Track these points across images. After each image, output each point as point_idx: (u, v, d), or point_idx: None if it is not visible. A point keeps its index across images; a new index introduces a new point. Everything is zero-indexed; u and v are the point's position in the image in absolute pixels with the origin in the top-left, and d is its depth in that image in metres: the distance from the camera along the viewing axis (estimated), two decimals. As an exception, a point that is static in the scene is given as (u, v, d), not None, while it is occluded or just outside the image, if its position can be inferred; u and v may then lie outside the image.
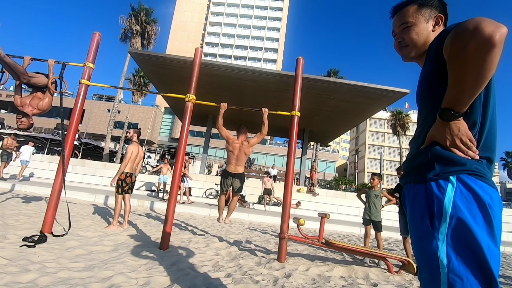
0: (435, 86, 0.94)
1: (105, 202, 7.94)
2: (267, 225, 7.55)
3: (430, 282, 0.87)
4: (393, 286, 3.11)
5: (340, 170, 57.18)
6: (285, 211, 3.79)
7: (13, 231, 3.41)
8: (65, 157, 3.69)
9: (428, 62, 0.97)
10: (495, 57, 0.75)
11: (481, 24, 0.75)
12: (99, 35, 4.05)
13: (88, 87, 3.98)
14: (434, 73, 0.94)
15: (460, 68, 0.81)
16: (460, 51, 0.79)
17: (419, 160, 0.96)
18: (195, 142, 40.36)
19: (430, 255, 0.86)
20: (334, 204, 12.63)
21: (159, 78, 11.46)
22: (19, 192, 7.72)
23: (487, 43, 0.74)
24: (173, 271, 2.68)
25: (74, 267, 2.49)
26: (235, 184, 4.50)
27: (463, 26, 0.79)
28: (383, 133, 52.41)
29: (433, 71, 0.94)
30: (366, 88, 10.03)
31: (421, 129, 1.00)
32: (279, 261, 3.58)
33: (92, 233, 3.92)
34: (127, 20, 23.65)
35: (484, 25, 0.74)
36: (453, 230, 0.84)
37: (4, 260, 2.39)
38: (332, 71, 30.60)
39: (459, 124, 0.88)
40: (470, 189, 0.86)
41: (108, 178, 12.08)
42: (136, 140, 4.80)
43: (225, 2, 61.47)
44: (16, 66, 3.55)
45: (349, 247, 3.94)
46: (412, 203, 0.96)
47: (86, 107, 36.49)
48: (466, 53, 0.78)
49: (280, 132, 18.08)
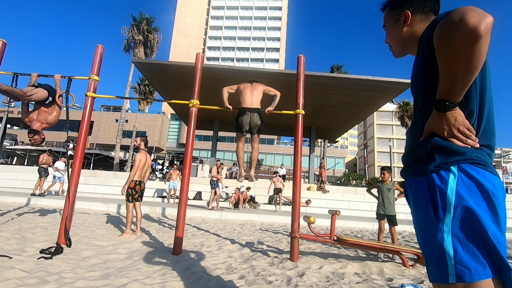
0: (429, 76, 0.94)
1: (118, 211, 8.06)
2: (278, 225, 7.55)
3: (437, 274, 0.86)
4: (409, 280, 3.07)
5: (349, 166, 56.65)
6: (295, 210, 3.78)
7: (31, 244, 3.51)
8: (76, 168, 3.78)
9: (420, 53, 0.97)
10: (482, 47, 0.75)
11: (466, 15, 0.74)
12: (101, 48, 4.13)
13: (95, 99, 4.07)
14: (427, 63, 0.93)
15: (449, 60, 0.81)
16: (447, 43, 0.79)
17: (418, 152, 0.96)
18: (202, 146, 40.58)
19: (436, 247, 0.86)
20: (345, 200, 12.53)
21: (163, 85, 11.60)
22: (35, 206, 7.91)
23: (473, 35, 0.74)
24: (187, 276, 2.71)
25: (91, 276, 2.54)
26: (254, 120, 3.97)
27: (449, 18, 0.79)
28: (391, 126, 51.71)
29: (426, 62, 0.94)
30: (370, 81, 9.94)
31: (417, 119, 1.00)
32: (292, 261, 3.58)
33: (107, 242, 3.99)
34: (129, 31, 24.00)
35: (469, 16, 0.74)
36: (458, 221, 0.83)
37: (23, 273, 2.46)
38: (335, 66, 30.36)
39: (456, 114, 0.87)
40: (472, 178, 0.85)
41: (119, 187, 12.26)
42: (143, 148, 4.87)
43: (224, 6, 61.81)
44: (13, 90, 3.60)
45: (362, 243, 3.91)
46: (414, 196, 0.96)
47: (95, 119, 37.13)
48: (454, 45, 0.78)
49: (286, 131, 18.05)
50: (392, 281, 3.02)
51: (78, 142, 3.93)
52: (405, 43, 1.12)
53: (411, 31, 1.09)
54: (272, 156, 43.17)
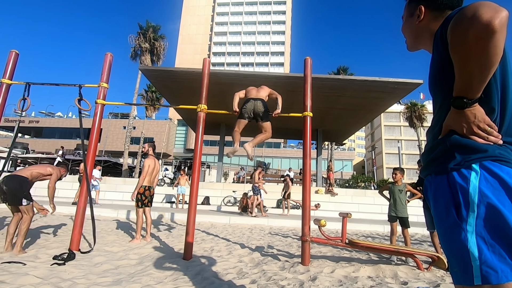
0: (445, 74, 0.92)
1: (128, 217, 8.12)
2: (287, 229, 7.49)
3: (462, 276, 0.83)
4: (424, 284, 3.00)
5: (357, 168, 56.11)
6: (305, 213, 3.75)
7: (44, 251, 3.55)
8: (88, 174, 3.82)
9: (435, 50, 0.96)
10: (498, 43, 0.73)
11: (479, 11, 0.73)
12: (111, 56, 4.20)
13: (104, 106, 4.12)
14: (442, 61, 0.92)
15: (463, 57, 0.79)
16: (460, 40, 0.78)
17: (438, 151, 0.94)
18: (209, 151, 40.77)
19: (459, 249, 0.83)
20: (354, 203, 12.37)
21: (170, 91, 11.72)
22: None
23: (486, 30, 0.72)
24: (198, 281, 2.70)
25: (103, 282, 2.55)
26: (257, 106, 3.90)
27: (462, 14, 0.78)
28: (399, 127, 51.13)
29: (441, 59, 0.92)
30: (377, 82, 9.87)
31: (437, 118, 0.98)
32: (303, 265, 3.54)
33: (118, 248, 4.01)
34: (136, 39, 24.42)
35: (482, 11, 0.72)
36: (482, 220, 0.81)
37: (37, 279, 2.48)
38: (341, 68, 30.23)
39: (475, 110, 0.85)
40: (495, 176, 0.82)
41: (128, 193, 12.36)
42: (152, 154, 4.91)
43: (228, 12, 62.43)
44: None
45: (374, 246, 3.84)
46: (435, 195, 0.93)
47: (103, 126, 37.68)
48: (467, 42, 0.76)
49: (293, 135, 18.02)
50: (407, 284, 2.95)
51: (88, 149, 3.99)
52: (417, 37, 1.12)
53: (425, 26, 1.07)
54: (279, 159, 43.10)
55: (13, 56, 3.96)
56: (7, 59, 3.92)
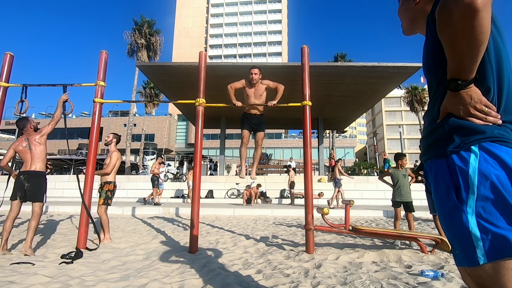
0: (440, 57, 0.91)
1: (133, 214, 8.20)
2: (291, 218, 7.55)
3: (465, 258, 0.84)
4: (428, 266, 3.03)
5: (359, 155, 56.10)
6: (308, 202, 3.77)
7: (52, 250, 3.61)
8: (90, 173, 3.85)
9: (429, 33, 0.95)
10: (483, 21, 0.73)
11: None
12: (106, 53, 4.17)
13: (103, 104, 4.11)
14: (435, 43, 0.90)
15: (451, 38, 0.80)
16: (446, 21, 0.78)
17: (437, 134, 0.93)
18: (211, 145, 40.82)
19: (461, 231, 0.83)
20: (357, 190, 12.42)
21: (168, 86, 11.65)
22: (53, 213, 8.11)
23: (469, 10, 0.72)
24: (204, 273, 2.74)
25: (111, 278, 2.59)
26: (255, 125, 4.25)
27: None
28: (400, 112, 50.86)
29: (434, 41, 0.91)
30: (376, 68, 9.77)
31: (433, 102, 0.98)
32: (308, 253, 3.57)
33: (124, 244, 4.06)
34: (132, 35, 24.18)
35: None
36: (482, 201, 0.81)
37: (47, 278, 2.53)
38: (339, 55, 29.95)
39: (470, 91, 0.84)
40: (494, 156, 0.82)
41: (132, 190, 12.47)
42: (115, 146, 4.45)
43: (223, 3, 61.47)
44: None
45: (378, 231, 3.87)
46: (435, 179, 0.93)
47: (103, 124, 37.70)
48: (453, 23, 0.76)
49: (293, 124, 17.97)
50: (411, 268, 2.98)
51: (89, 147, 4.00)
52: (414, 20, 1.10)
53: (421, 9, 1.05)
54: (281, 150, 43.10)
55: (8, 58, 3.93)
56: (2, 62, 3.90)
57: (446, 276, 2.65)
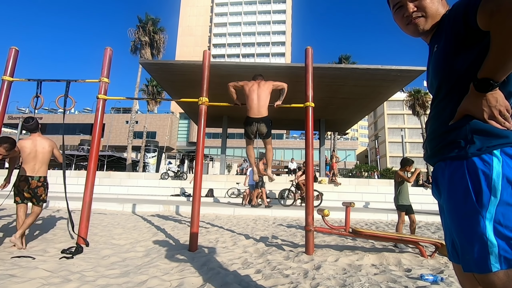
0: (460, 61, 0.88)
1: (133, 210, 8.22)
2: (291, 219, 7.54)
3: (476, 263, 0.82)
4: (428, 270, 3.02)
5: (361, 157, 55.98)
6: (308, 203, 3.77)
7: (52, 245, 3.62)
8: (91, 169, 3.87)
9: (451, 33, 0.90)
10: None
11: None
12: (110, 50, 4.18)
13: (106, 101, 4.13)
14: (459, 44, 0.87)
15: (505, 39, 0.74)
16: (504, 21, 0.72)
17: (453, 136, 0.90)
18: (212, 144, 40.85)
19: (476, 236, 0.81)
20: (358, 192, 12.40)
21: (171, 85, 11.68)
22: (53, 208, 8.13)
23: None
24: (204, 271, 2.75)
25: (111, 274, 2.60)
26: (260, 129, 4.02)
27: None
28: (402, 115, 50.74)
29: (457, 42, 0.88)
30: (380, 71, 9.75)
31: (444, 105, 0.95)
32: (308, 254, 3.57)
33: (124, 241, 4.07)
34: (136, 32, 24.22)
35: None
36: (503, 207, 0.79)
37: (47, 273, 2.54)
38: (343, 57, 29.87)
39: (496, 94, 0.81)
40: None
41: (133, 187, 12.49)
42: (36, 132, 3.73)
43: (228, 2, 61.49)
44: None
45: (378, 234, 3.87)
46: (450, 181, 0.90)
47: (106, 121, 37.81)
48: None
49: (295, 125, 17.95)
50: (410, 271, 2.98)
51: (92, 144, 4.01)
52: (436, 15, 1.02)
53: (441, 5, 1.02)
54: (282, 150, 43.11)
55: (13, 53, 3.95)
56: (7, 56, 3.92)
57: (446, 281, 2.65)
